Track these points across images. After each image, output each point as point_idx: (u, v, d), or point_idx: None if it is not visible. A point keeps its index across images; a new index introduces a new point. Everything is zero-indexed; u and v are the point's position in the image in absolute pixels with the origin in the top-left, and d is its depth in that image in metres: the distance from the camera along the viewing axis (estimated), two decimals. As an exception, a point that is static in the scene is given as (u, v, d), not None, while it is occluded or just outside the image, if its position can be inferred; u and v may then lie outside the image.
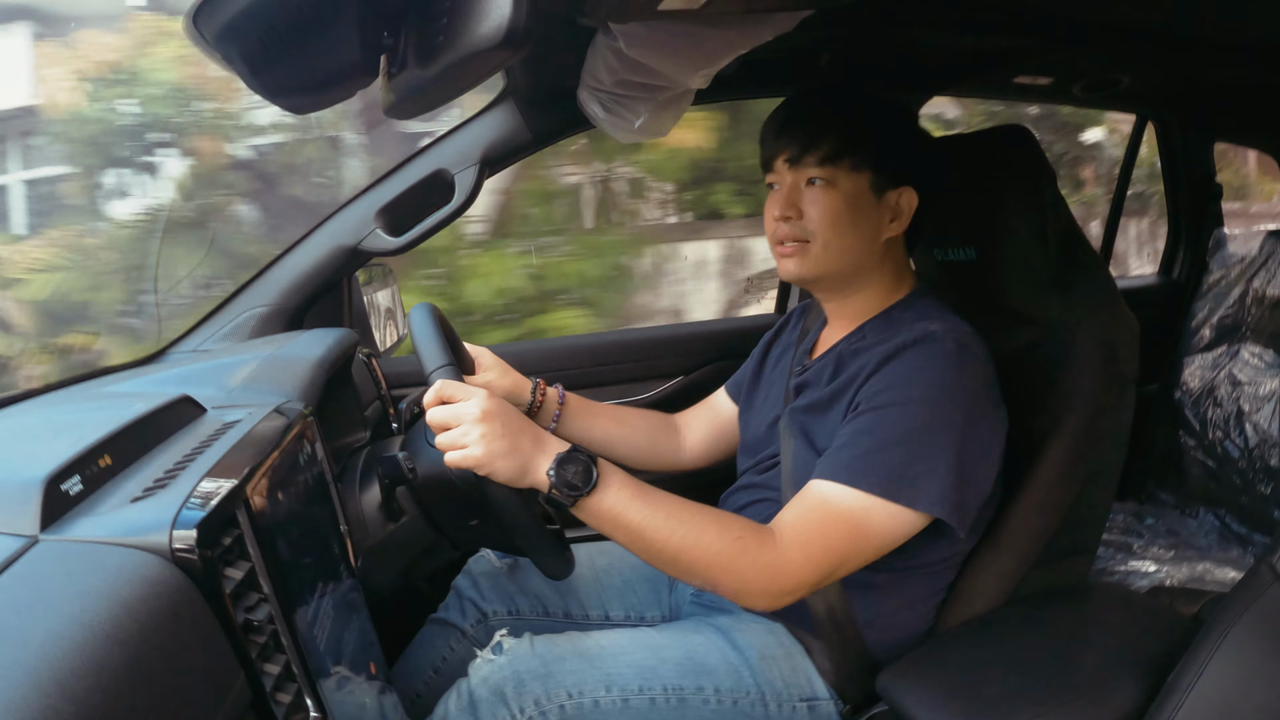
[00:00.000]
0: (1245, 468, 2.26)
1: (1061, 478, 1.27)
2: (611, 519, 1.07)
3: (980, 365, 1.17)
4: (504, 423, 1.06)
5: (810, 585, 1.10)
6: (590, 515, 1.07)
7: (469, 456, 1.05)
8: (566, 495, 1.05)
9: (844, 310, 1.34)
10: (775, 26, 1.23)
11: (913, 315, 1.24)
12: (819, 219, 1.24)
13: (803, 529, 1.10)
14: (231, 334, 1.65)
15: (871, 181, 1.25)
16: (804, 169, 1.25)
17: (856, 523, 1.09)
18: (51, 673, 0.53)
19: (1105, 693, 1.06)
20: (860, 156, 1.23)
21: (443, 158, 1.69)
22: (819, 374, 1.28)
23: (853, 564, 1.12)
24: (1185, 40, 1.64)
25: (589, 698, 1.15)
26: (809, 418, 1.25)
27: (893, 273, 1.31)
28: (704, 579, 1.08)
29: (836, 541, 1.09)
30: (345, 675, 0.93)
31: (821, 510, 1.11)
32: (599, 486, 1.06)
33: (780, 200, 1.27)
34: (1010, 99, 2.68)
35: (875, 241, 1.27)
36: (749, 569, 1.07)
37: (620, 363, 2.11)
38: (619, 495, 1.07)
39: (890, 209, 1.26)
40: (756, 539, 1.09)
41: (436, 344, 1.18)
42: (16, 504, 0.71)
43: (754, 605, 1.11)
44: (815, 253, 1.26)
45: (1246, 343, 2.32)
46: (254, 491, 0.81)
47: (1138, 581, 2.05)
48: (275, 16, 0.95)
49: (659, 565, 1.09)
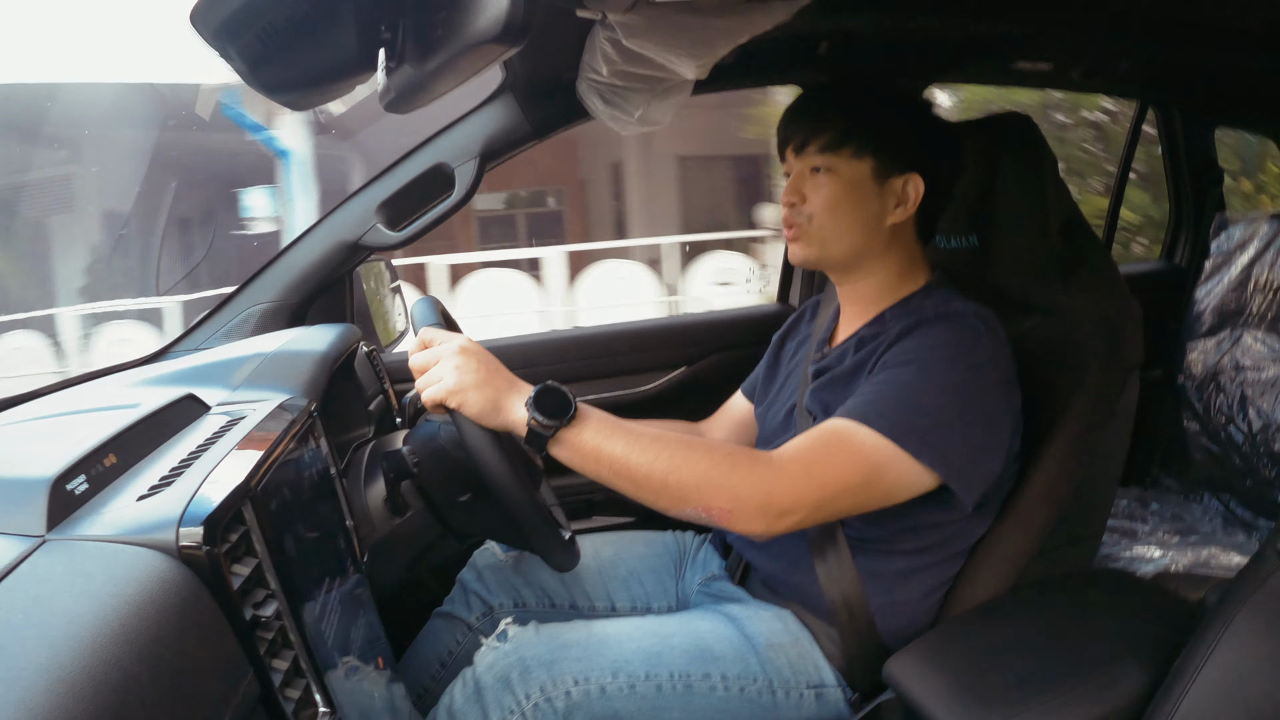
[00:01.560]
0: (1249, 452, 2.26)
1: (1065, 464, 1.27)
2: (594, 451, 1.07)
3: (1001, 345, 1.19)
4: (480, 360, 1.08)
5: (807, 506, 1.08)
6: (571, 450, 1.07)
7: (441, 388, 1.06)
8: (544, 426, 1.05)
9: (856, 294, 1.35)
10: (773, 15, 1.23)
11: (933, 302, 1.26)
12: (819, 205, 1.27)
13: (806, 449, 1.10)
14: (234, 331, 1.65)
15: (874, 169, 1.26)
16: (807, 157, 1.28)
17: (864, 456, 1.09)
18: (60, 672, 0.53)
19: (1111, 679, 1.06)
20: (861, 144, 1.25)
21: (442, 151, 1.69)
22: (839, 358, 1.29)
23: (851, 500, 1.10)
24: (1185, 24, 1.64)
25: (595, 684, 1.15)
26: (830, 393, 1.26)
27: (903, 259, 1.32)
28: (697, 503, 1.06)
29: (839, 467, 1.09)
30: (353, 669, 0.94)
31: (829, 436, 1.11)
32: (578, 419, 1.06)
33: (788, 187, 1.31)
34: (1011, 85, 2.68)
35: (878, 227, 1.28)
36: (742, 484, 1.06)
37: (623, 354, 2.11)
38: (599, 428, 1.08)
39: (895, 195, 1.27)
40: (749, 455, 1.09)
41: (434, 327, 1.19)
42: (23, 504, 0.71)
43: (749, 527, 1.07)
44: (815, 238, 1.29)
45: (1250, 327, 2.31)
46: (259, 488, 0.81)
47: (1143, 567, 2.05)
48: (273, 13, 0.95)
49: (648, 497, 1.08)
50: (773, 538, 1.10)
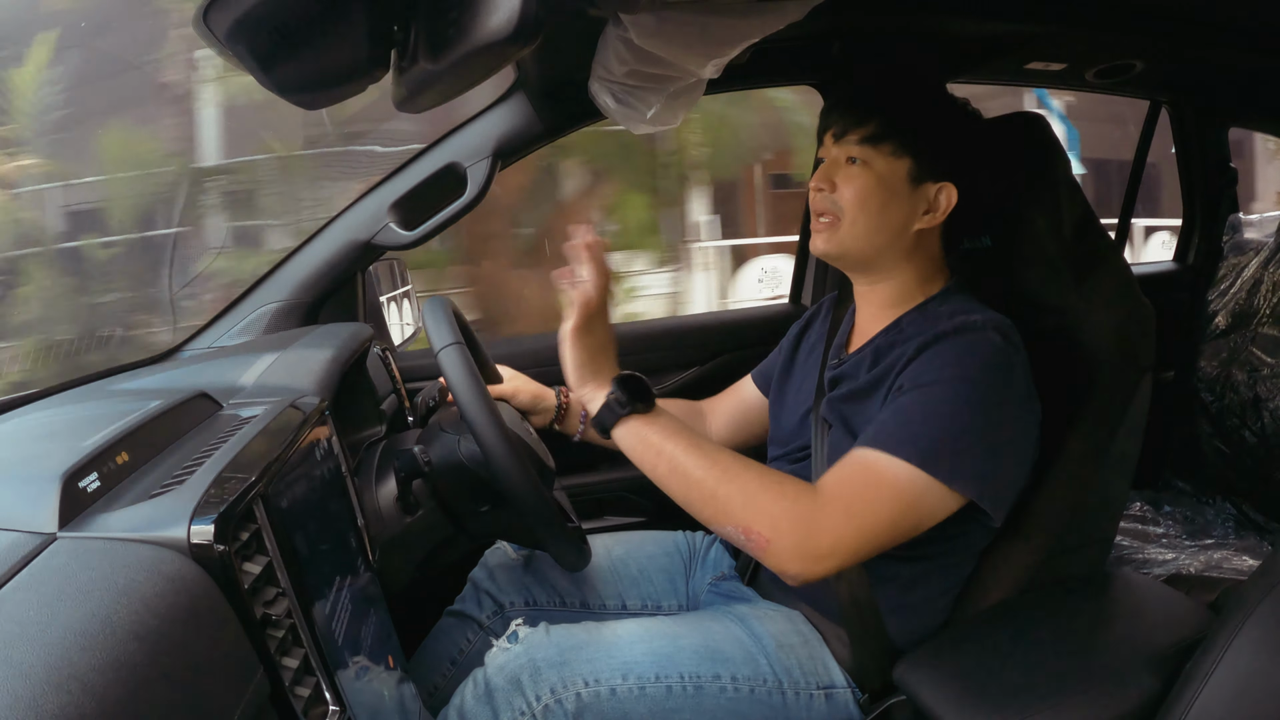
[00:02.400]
0: (1262, 455, 2.25)
1: (1078, 466, 1.26)
2: (658, 445, 1.10)
3: (1019, 356, 1.17)
4: (607, 336, 1.16)
5: (846, 551, 1.06)
6: (635, 438, 1.11)
7: (589, 291, 1.12)
8: (621, 407, 1.10)
9: (874, 296, 1.33)
10: (787, 14, 1.23)
11: (949, 309, 1.23)
12: (850, 197, 1.25)
13: (846, 487, 1.09)
14: (246, 330, 1.66)
15: (911, 171, 1.25)
16: (846, 145, 1.27)
17: (900, 490, 1.07)
18: (72, 669, 0.53)
19: (1123, 682, 1.06)
20: (902, 143, 1.24)
21: (455, 151, 1.70)
22: (856, 367, 1.28)
23: (890, 536, 1.08)
24: (1199, 25, 1.63)
25: (605, 686, 1.15)
26: (848, 406, 1.25)
27: (924, 266, 1.31)
28: (740, 520, 1.06)
29: (879, 506, 1.07)
30: (363, 668, 0.94)
31: (865, 472, 1.09)
32: (652, 411, 1.11)
33: (820, 172, 1.29)
34: (1024, 85, 2.67)
35: (905, 230, 1.26)
36: (785, 515, 1.05)
37: (635, 354, 2.11)
38: (667, 424, 1.11)
39: (927, 201, 1.26)
40: (797, 487, 1.08)
41: (447, 327, 1.21)
42: (35, 501, 0.72)
43: (785, 564, 1.06)
44: (842, 230, 1.27)
45: (1262, 328, 2.30)
46: (271, 486, 0.81)
47: (1155, 570, 2.04)
48: (286, 13, 0.95)
49: (696, 501, 1.09)
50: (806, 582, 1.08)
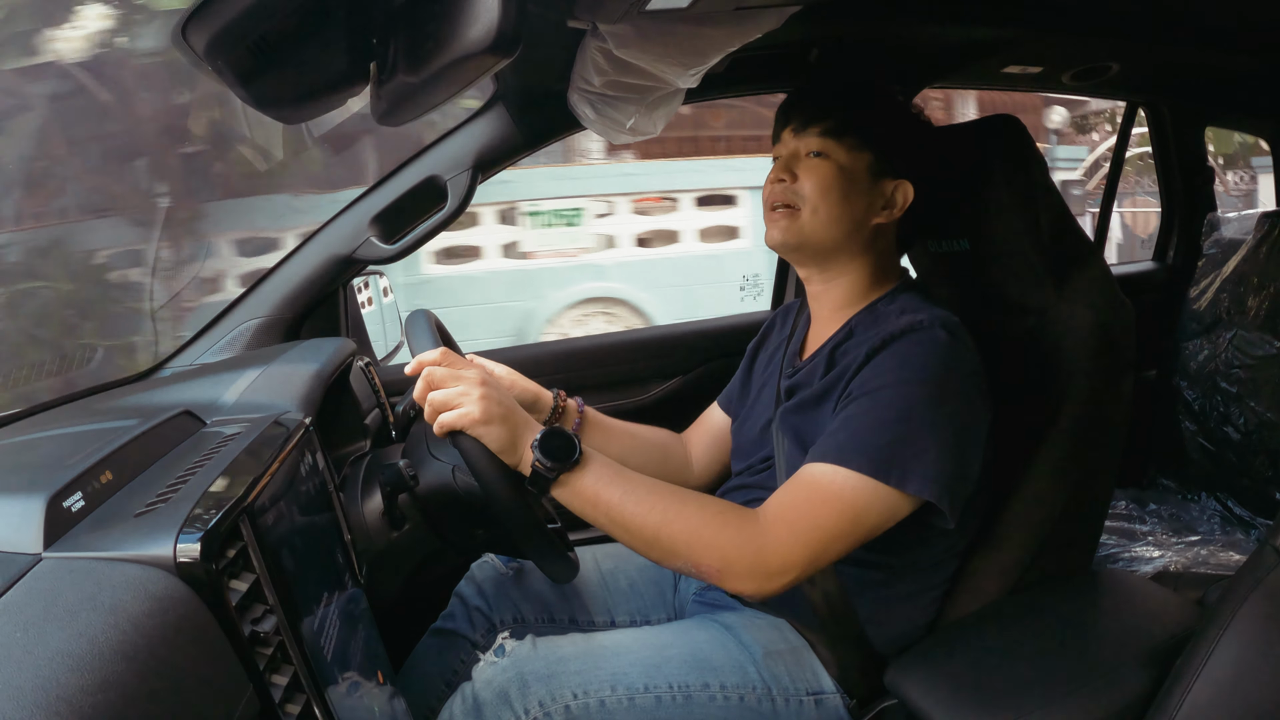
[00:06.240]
0: (1246, 451, 2.26)
1: (1061, 467, 1.27)
2: (593, 496, 1.08)
3: (968, 353, 1.17)
4: (501, 394, 1.10)
5: (799, 566, 1.08)
6: (572, 493, 1.09)
7: (467, 414, 1.06)
8: (549, 470, 1.07)
9: (826, 299, 1.33)
10: (763, 23, 1.24)
11: (897, 309, 1.24)
12: (812, 187, 1.26)
13: (789, 507, 1.10)
14: (228, 346, 1.65)
15: (871, 165, 1.26)
16: (806, 138, 1.27)
17: (846, 502, 1.08)
18: (60, 690, 0.53)
19: (1113, 680, 1.06)
20: (862, 138, 1.26)
21: (435, 163, 1.69)
22: (810, 375, 1.27)
23: (841, 546, 1.10)
24: (1174, 26, 1.64)
25: (594, 697, 1.15)
26: (800, 418, 1.25)
27: (878, 264, 1.31)
28: (686, 559, 1.08)
29: (824, 520, 1.08)
30: (353, 683, 0.93)
31: (810, 489, 1.10)
32: (580, 463, 1.08)
33: (778, 165, 1.29)
34: (1001, 89, 2.69)
35: (863, 224, 1.27)
36: (730, 544, 1.07)
37: (617, 365, 2.11)
38: (600, 474, 1.09)
39: (884, 196, 1.27)
40: (739, 515, 1.10)
41: (430, 339, 1.19)
42: (19, 522, 0.71)
43: (740, 588, 1.09)
44: (802, 218, 1.26)
45: (1243, 326, 2.32)
46: (256, 503, 0.81)
47: (1141, 568, 2.05)
48: (265, 27, 0.95)
49: (640, 547, 1.09)
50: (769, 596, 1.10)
